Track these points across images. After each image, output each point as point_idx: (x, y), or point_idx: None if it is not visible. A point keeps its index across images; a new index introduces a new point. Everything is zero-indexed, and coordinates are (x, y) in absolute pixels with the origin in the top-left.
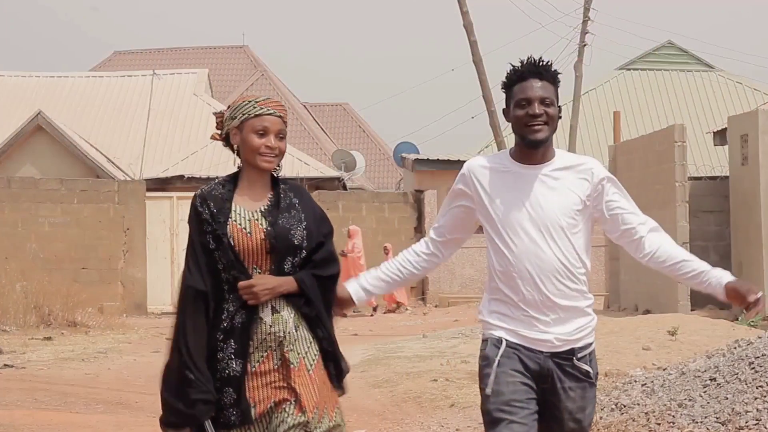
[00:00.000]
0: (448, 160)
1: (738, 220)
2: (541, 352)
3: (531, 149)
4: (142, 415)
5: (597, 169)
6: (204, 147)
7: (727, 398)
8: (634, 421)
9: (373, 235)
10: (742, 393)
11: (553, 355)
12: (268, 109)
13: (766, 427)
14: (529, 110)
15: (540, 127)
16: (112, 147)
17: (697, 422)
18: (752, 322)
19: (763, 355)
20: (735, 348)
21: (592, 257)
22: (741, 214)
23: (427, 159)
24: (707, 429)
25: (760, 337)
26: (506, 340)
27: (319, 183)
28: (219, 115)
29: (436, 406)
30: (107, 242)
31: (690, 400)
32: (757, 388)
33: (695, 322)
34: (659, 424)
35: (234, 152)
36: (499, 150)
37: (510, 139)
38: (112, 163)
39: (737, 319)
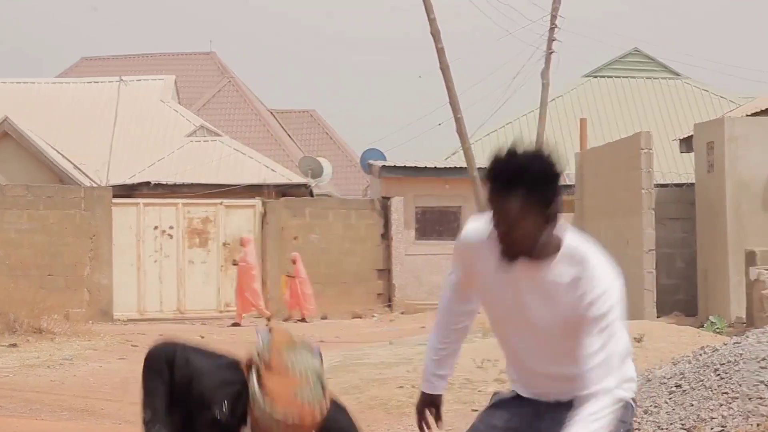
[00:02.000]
0: (415, 167)
1: (704, 227)
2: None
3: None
4: (108, 422)
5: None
6: (171, 153)
7: (692, 405)
8: None
9: (340, 242)
10: (708, 399)
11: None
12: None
13: None
14: (497, 228)
15: (505, 243)
16: (78, 153)
17: (662, 429)
18: (717, 328)
19: (728, 361)
20: (700, 355)
21: None
22: (707, 222)
23: (394, 166)
24: None
25: (725, 344)
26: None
27: (286, 190)
28: (246, 368)
29: (403, 413)
30: (73, 249)
31: (656, 406)
32: (722, 394)
33: (661, 329)
34: None
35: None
36: (465, 157)
37: (477, 146)
38: (79, 169)
39: (703, 326)
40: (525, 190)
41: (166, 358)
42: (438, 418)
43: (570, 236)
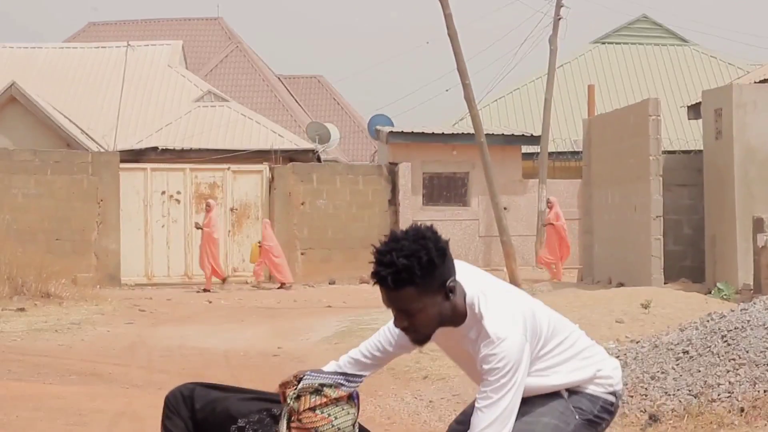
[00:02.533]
0: (423, 132)
1: (711, 194)
2: None
3: None
4: (116, 386)
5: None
6: (178, 119)
7: (699, 371)
8: None
9: (347, 207)
10: (715, 366)
11: None
12: None
13: (738, 400)
14: (398, 326)
15: (410, 334)
16: (85, 118)
17: (669, 395)
18: (725, 295)
19: (735, 328)
20: (708, 321)
21: (567, 230)
22: (714, 188)
23: (402, 132)
24: (680, 401)
25: (732, 311)
26: None
27: (294, 155)
28: (281, 393)
29: (410, 378)
30: (81, 213)
31: (662, 372)
32: (729, 361)
33: (668, 295)
34: (632, 397)
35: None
36: (473, 123)
37: (485, 112)
38: (86, 134)
39: (710, 293)
40: (414, 288)
41: (183, 395)
42: None
43: (471, 294)
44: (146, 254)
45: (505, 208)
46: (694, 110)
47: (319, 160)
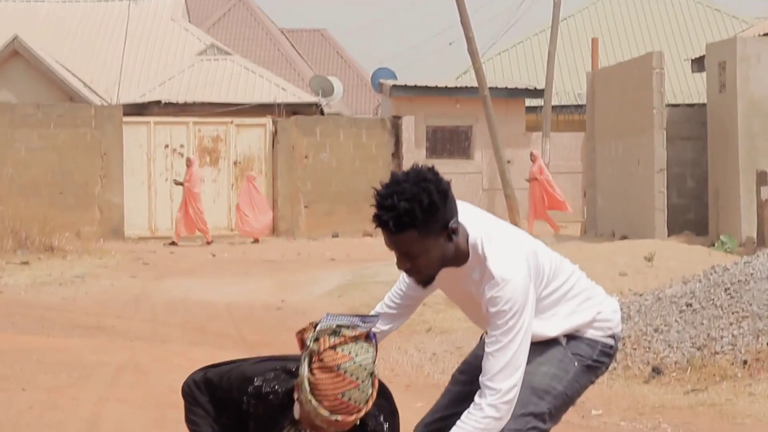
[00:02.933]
0: (426, 86)
1: (715, 147)
2: None
3: None
4: (119, 339)
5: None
6: (181, 72)
7: (702, 324)
8: None
9: (351, 160)
10: (718, 318)
11: None
12: (329, 427)
13: (741, 352)
14: (402, 268)
15: (412, 275)
16: (88, 72)
17: (672, 347)
18: (728, 248)
19: (738, 281)
20: (711, 274)
21: (570, 183)
22: (718, 142)
23: (405, 85)
24: (683, 354)
25: (736, 263)
26: None
27: (297, 109)
28: (299, 338)
29: (414, 331)
30: (84, 167)
31: (666, 325)
32: (732, 313)
33: (672, 248)
34: (635, 349)
35: None
36: (476, 76)
37: (488, 66)
38: (89, 88)
39: (713, 246)
40: (416, 231)
41: (196, 382)
42: None
43: (473, 236)
44: (149, 208)
45: (508, 162)
46: (698, 63)
47: (322, 113)
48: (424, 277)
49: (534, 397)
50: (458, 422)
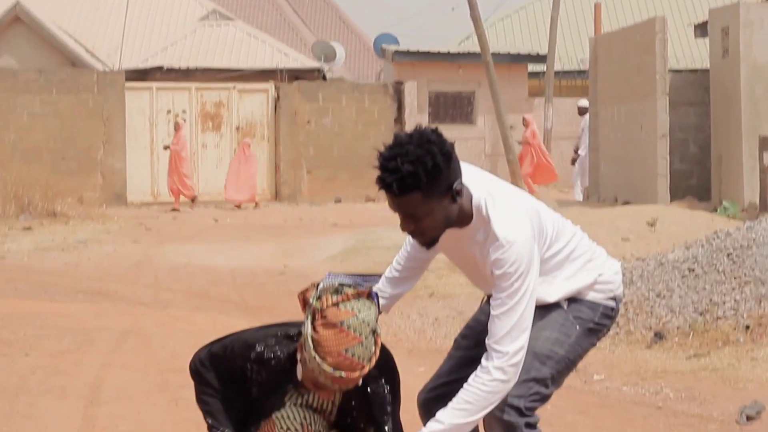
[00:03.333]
0: (429, 51)
1: (718, 112)
2: None
3: None
4: (122, 304)
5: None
6: (183, 37)
7: (705, 289)
8: None
9: (353, 126)
10: (720, 284)
11: None
12: (333, 384)
13: (743, 317)
14: (406, 230)
15: (416, 237)
16: (90, 38)
17: (675, 312)
18: (731, 213)
19: (741, 246)
20: (714, 239)
21: (571, 148)
22: (721, 107)
23: (407, 51)
24: (685, 319)
25: (738, 229)
26: None
27: (299, 74)
28: (301, 298)
29: (416, 296)
30: (86, 133)
31: (668, 290)
32: (734, 278)
33: (674, 213)
34: (637, 314)
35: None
36: (479, 42)
37: (491, 31)
38: (91, 53)
39: (716, 211)
40: (420, 193)
41: (201, 361)
42: None
43: (477, 197)
44: (152, 173)
45: (511, 127)
46: (701, 29)
47: (324, 79)
48: (428, 239)
49: (536, 362)
50: (465, 385)
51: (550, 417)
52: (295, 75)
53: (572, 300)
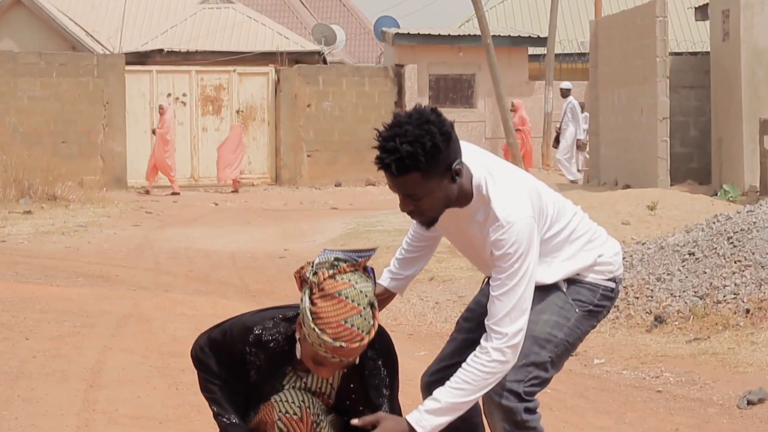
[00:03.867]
0: (429, 34)
1: (718, 96)
2: None
3: None
4: (123, 288)
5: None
6: (183, 20)
7: (705, 272)
8: None
9: (353, 109)
10: (721, 267)
11: None
12: (333, 356)
13: (743, 301)
14: (405, 210)
15: (416, 217)
16: (91, 21)
17: (675, 296)
18: (731, 197)
19: (741, 230)
20: (714, 223)
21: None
22: (722, 90)
23: (408, 33)
24: (685, 303)
25: (738, 212)
26: None
27: (299, 57)
28: (298, 276)
29: (416, 280)
30: (86, 116)
31: (668, 274)
32: (735, 262)
33: (675, 197)
34: (638, 298)
35: None
36: (479, 24)
37: (491, 14)
38: (91, 36)
39: (716, 195)
40: (420, 173)
41: (201, 348)
42: None
43: (477, 176)
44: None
45: (511, 110)
46: (702, 11)
47: (325, 62)
48: (427, 219)
49: (535, 346)
50: (464, 365)
51: (550, 401)
52: (296, 58)
53: (571, 282)
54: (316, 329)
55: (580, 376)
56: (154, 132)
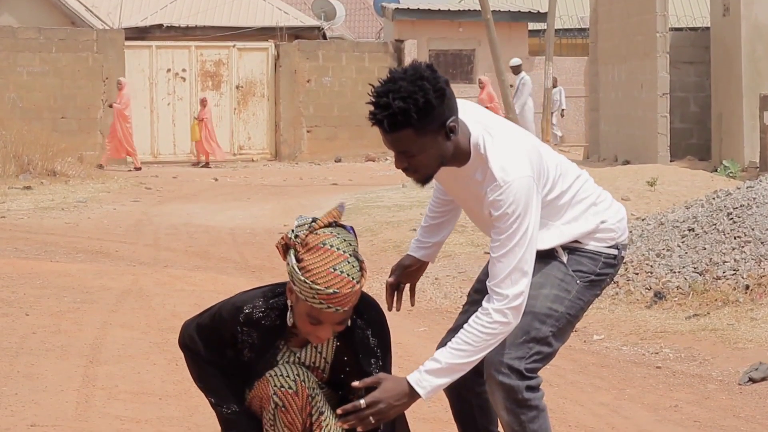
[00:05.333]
0: (429, 9)
1: (718, 71)
2: None
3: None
4: (122, 264)
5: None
6: None
7: (705, 248)
8: None
9: (353, 85)
10: (720, 243)
11: None
12: (329, 306)
13: (743, 277)
14: (400, 167)
15: (411, 174)
16: None
17: (675, 272)
18: (731, 173)
19: (741, 205)
20: (714, 198)
21: (573, 107)
22: (722, 66)
23: (408, 8)
24: (685, 279)
25: (738, 188)
26: None
27: (299, 32)
28: (282, 244)
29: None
30: (86, 92)
31: (668, 250)
32: (735, 238)
33: (674, 173)
34: (637, 274)
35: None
36: (480, 0)
37: None
38: (91, 11)
39: (716, 170)
40: (412, 129)
41: (189, 334)
42: (412, 289)
43: (475, 135)
44: (152, 132)
45: (511, 86)
46: None
47: (324, 37)
48: (422, 177)
49: (536, 322)
50: (465, 326)
51: (550, 377)
52: (295, 33)
53: (572, 251)
54: (307, 281)
55: (580, 352)
56: (111, 106)
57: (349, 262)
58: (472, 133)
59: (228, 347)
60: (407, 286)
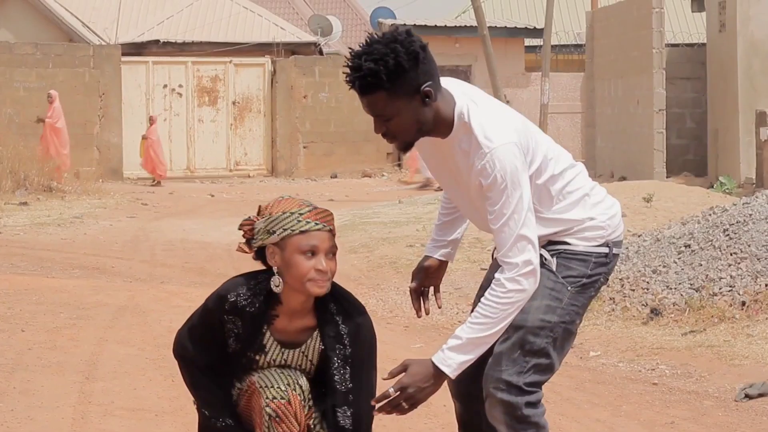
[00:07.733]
0: (425, 25)
1: (715, 87)
2: None
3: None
4: (118, 280)
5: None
6: (180, 11)
7: (701, 265)
8: (608, 287)
9: (350, 100)
10: (716, 260)
11: None
12: (316, 223)
13: (739, 294)
14: (377, 131)
15: (390, 140)
16: (87, 11)
17: (671, 288)
18: (727, 189)
19: (737, 222)
20: (710, 215)
21: (569, 123)
22: (718, 82)
23: (404, 24)
24: (681, 295)
25: (734, 204)
26: None
27: (296, 48)
28: (248, 225)
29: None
30: (82, 107)
31: (664, 266)
32: (731, 254)
33: (671, 189)
34: (633, 290)
35: (266, 267)
36: (476, 15)
37: (488, 5)
38: (87, 27)
39: (712, 187)
40: (384, 92)
41: (182, 343)
42: (436, 290)
43: (460, 104)
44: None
45: (507, 102)
46: (698, 3)
47: (321, 53)
48: (401, 143)
49: (529, 335)
50: (482, 300)
51: (545, 393)
52: (292, 49)
53: (560, 254)
54: (285, 213)
55: (576, 369)
56: (42, 121)
57: (313, 204)
58: (456, 102)
59: (220, 338)
60: (431, 289)
